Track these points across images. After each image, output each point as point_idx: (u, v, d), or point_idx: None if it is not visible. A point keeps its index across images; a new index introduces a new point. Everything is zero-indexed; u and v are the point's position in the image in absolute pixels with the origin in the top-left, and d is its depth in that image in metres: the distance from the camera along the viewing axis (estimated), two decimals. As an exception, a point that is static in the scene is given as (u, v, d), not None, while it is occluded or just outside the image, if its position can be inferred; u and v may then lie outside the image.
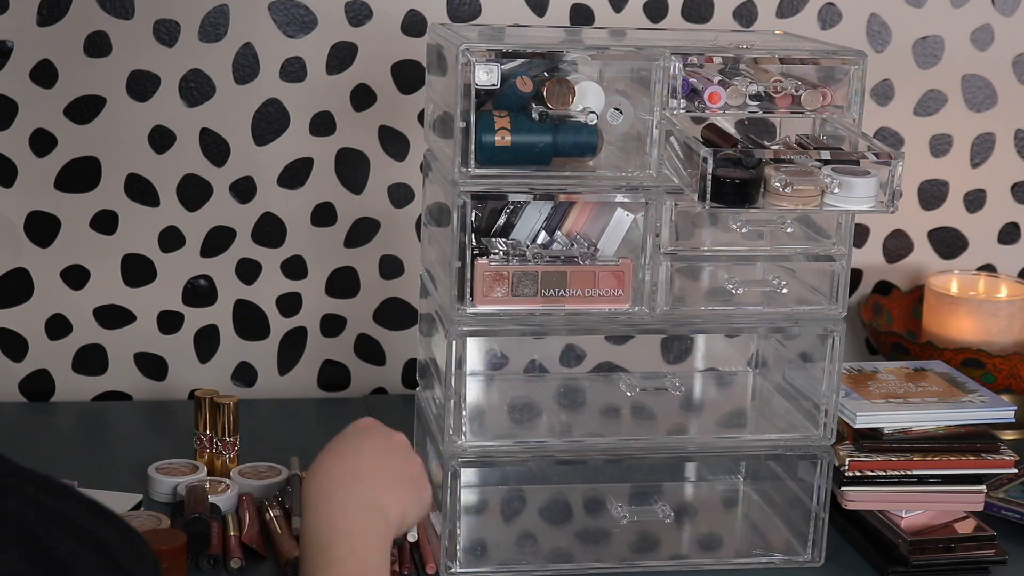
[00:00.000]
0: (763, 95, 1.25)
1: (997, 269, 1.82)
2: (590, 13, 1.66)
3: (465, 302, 1.23)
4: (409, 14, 1.63)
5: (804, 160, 1.16)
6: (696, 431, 1.41)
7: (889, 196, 1.16)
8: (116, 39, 1.58)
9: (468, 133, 1.20)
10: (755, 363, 1.52)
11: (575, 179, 1.24)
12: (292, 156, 1.65)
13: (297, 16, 1.61)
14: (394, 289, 1.70)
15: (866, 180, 1.15)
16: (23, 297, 1.63)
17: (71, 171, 1.61)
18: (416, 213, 1.67)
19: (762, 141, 1.25)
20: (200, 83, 1.61)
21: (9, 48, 1.57)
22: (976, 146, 1.79)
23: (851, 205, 1.16)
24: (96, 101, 1.59)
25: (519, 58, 1.24)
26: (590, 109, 1.22)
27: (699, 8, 1.68)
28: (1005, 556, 1.33)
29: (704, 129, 1.26)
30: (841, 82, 1.26)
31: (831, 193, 1.14)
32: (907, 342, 1.64)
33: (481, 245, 1.25)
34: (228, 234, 1.65)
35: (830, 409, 1.30)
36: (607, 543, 1.38)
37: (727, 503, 1.48)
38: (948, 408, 1.34)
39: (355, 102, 1.64)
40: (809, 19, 1.71)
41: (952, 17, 1.74)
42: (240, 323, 1.68)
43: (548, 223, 1.27)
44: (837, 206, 1.16)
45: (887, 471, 1.32)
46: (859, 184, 1.15)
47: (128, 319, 1.66)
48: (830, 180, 1.14)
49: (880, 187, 1.15)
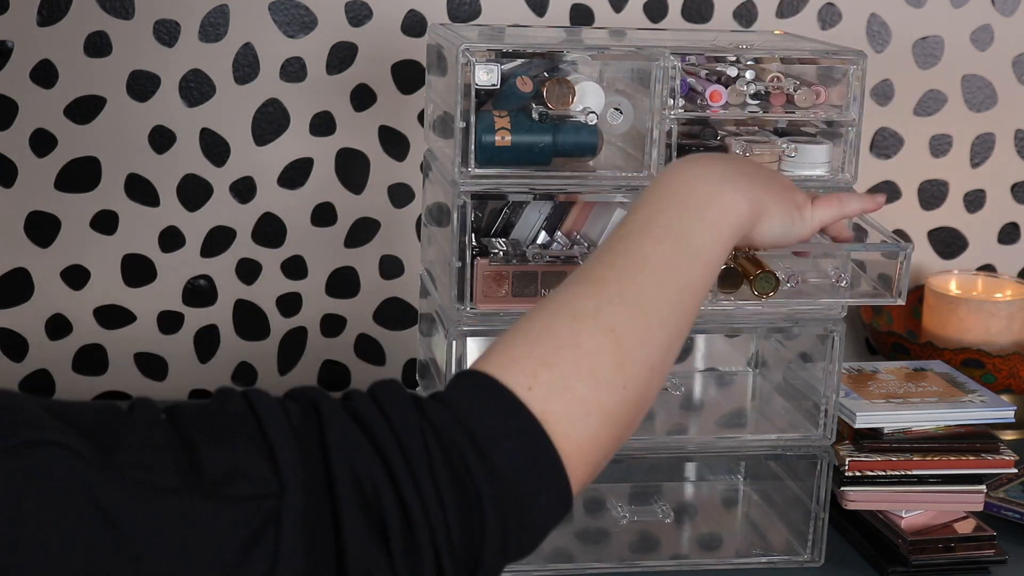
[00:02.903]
0: (763, 94, 1.25)
1: (997, 269, 1.82)
2: (590, 13, 1.66)
3: (465, 302, 1.23)
4: (409, 14, 1.63)
5: (764, 132, 1.28)
6: (696, 431, 1.41)
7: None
8: (116, 39, 1.58)
9: (468, 133, 1.20)
10: (755, 363, 1.52)
11: (575, 179, 1.24)
12: (292, 156, 1.65)
13: (297, 16, 1.61)
14: (394, 289, 1.70)
15: (820, 147, 1.26)
16: (23, 297, 1.63)
17: (71, 171, 1.61)
18: (416, 213, 1.67)
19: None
20: (200, 83, 1.61)
21: (9, 48, 1.57)
22: (976, 146, 1.79)
23: (806, 170, 1.26)
24: (96, 101, 1.60)
25: (519, 58, 1.24)
26: (590, 109, 1.22)
27: (699, 8, 1.68)
28: (1005, 556, 1.33)
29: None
30: (840, 82, 1.26)
31: (788, 158, 1.25)
32: (907, 342, 1.64)
33: (481, 245, 1.25)
34: (228, 234, 1.65)
35: (830, 409, 1.30)
36: (607, 543, 1.38)
37: (727, 503, 1.48)
38: (948, 408, 1.34)
39: (355, 102, 1.64)
40: (809, 19, 1.71)
41: (952, 17, 1.74)
42: (240, 323, 1.68)
43: (548, 223, 1.27)
44: (792, 171, 1.25)
45: (887, 471, 1.32)
46: (814, 151, 1.26)
47: (128, 319, 1.66)
48: (786, 146, 1.25)
49: (830, 153, 1.27)
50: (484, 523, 0.74)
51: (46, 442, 0.63)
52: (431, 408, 0.76)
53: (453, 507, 0.72)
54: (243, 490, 0.68)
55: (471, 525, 0.73)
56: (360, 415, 0.74)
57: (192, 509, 0.66)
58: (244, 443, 0.70)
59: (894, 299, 1.21)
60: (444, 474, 0.73)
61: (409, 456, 0.72)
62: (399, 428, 0.73)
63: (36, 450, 0.63)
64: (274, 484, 0.68)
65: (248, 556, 0.66)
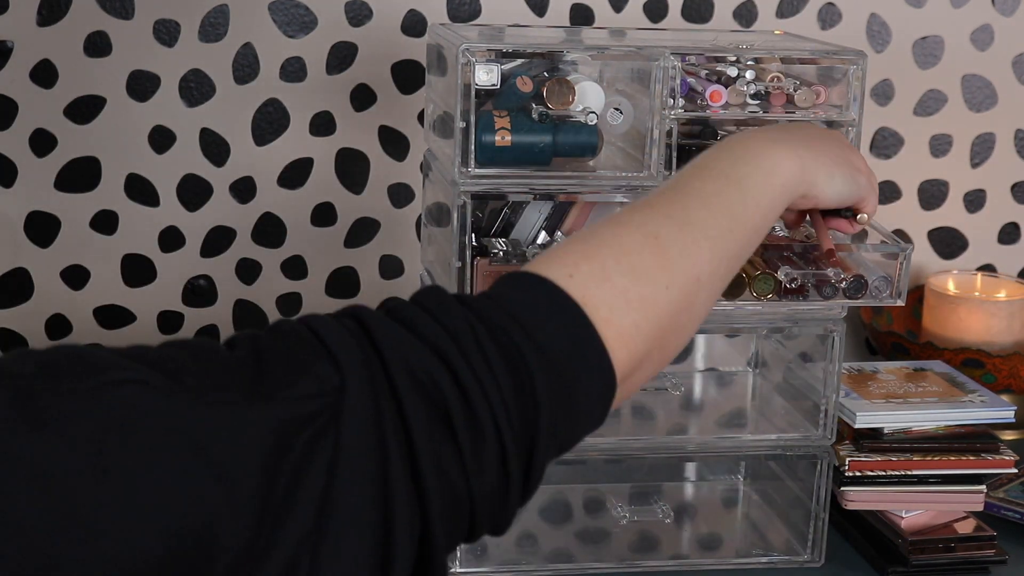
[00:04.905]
0: (763, 94, 1.25)
1: (997, 269, 1.82)
2: (590, 13, 1.66)
3: (465, 302, 1.23)
4: (409, 14, 1.63)
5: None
6: (696, 431, 1.41)
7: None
8: (116, 39, 1.58)
9: (468, 133, 1.20)
10: (755, 363, 1.52)
11: (575, 179, 1.24)
12: (292, 156, 1.65)
13: (297, 16, 1.61)
14: (394, 289, 1.70)
15: None
16: (23, 297, 1.63)
17: (71, 171, 1.61)
18: (416, 213, 1.67)
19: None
20: (200, 83, 1.61)
21: (9, 48, 1.57)
22: (976, 146, 1.79)
23: None
24: (96, 101, 1.59)
25: (519, 58, 1.24)
26: (590, 109, 1.22)
27: (699, 8, 1.68)
28: (1005, 556, 1.33)
29: None
30: (840, 82, 1.26)
31: None
32: (907, 342, 1.64)
33: (481, 245, 1.25)
34: (228, 234, 1.65)
35: (830, 409, 1.30)
36: (607, 543, 1.38)
37: (727, 503, 1.48)
38: (948, 408, 1.35)
39: (355, 102, 1.64)
40: (809, 19, 1.71)
41: (952, 17, 1.74)
42: (240, 323, 1.68)
43: (548, 223, 1.27)
44: None
45: (887, 471, 1.32)
46: None
47: (128, 319, 1.66)
48: None
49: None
50: (537, 400, 0.75)
51: (122, 380, 0.65)
52: (472, 300, 0.78)
53: (508, 385, 0.74)
54: (308, 389, 0.70)
55: (525, 402, 0.75)
56: (404, 316, 0.76)
57: (265, 415, 0.68)
58: (304, 350, 0.72)
59: (894, 299, 1.22)
60: (495, 354, 0.75)
61: (460, 342, 0.74)
62: (444, 320, 0.75)
63: (114, 388, 0.65)
64: (336, 380, 0.70)
65: (313, 449, 0.68)
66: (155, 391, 0.66)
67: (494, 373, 0.74)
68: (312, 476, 0.68)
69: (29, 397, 0.63)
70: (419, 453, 0.71)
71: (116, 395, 0.65)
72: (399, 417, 0.71)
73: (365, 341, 0.74)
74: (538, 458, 0.76)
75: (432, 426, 0.72)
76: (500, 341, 0.76)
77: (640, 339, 0.82)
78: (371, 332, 0.74)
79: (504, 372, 0.75)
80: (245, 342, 0.73)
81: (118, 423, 0.64)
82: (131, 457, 0.63)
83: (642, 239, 0.85)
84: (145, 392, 0.65)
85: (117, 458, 0.63)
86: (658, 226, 0.86)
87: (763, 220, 0.94)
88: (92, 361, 0.66)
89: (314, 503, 0.67)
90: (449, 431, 0.73)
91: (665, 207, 0.89)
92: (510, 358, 0.75)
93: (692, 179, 0.92)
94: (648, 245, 0.85)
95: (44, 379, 0.64)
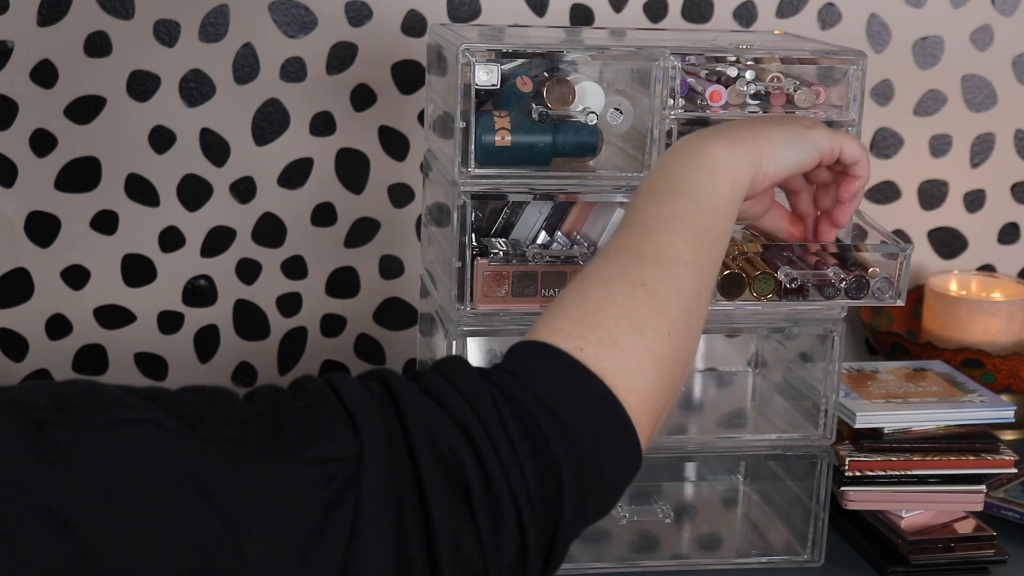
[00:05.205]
0: (763, 94, 1.25)
1: (997, 269, 1.83)
2: (590, 13, 1.66)
3: (465, 302, 1.23)
4: (409, 14, 1.63)
5: None
6: (696, 431, 1.41)
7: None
8: (116, 39, 1.58)
9: (468, 133, 1.20)
10: (755, 363, 1.52)
11: (575, 179, 1.24)
12: (292, 156, 1.65)
13: (297, 16, 1.61)
14: (394, 289, 1.70)
15: None
16: (23, 297, 1.63)
17: (71, 171, 1.61)
18: (416, 213, 1.67)
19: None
20: (200, 83, 1.61)
21: (9, 48, 1.57)
22: (976, 146, 1.79)
23: None
24: (96, 101, 1.60)
25: (519, 58, 1.24)
26: (590, 109, 1.22)
27: (699, 8, 1.68)
28: (1005, 556, 1.33)
29: None
30: (840, 82, 1.26)
31: None
32: (907, 342, 1.64)
33: (481, 245, 1.25)
34: (228, 234, 1.65)
35: (830, 409, 1.30)
36: (607, 543, 1.38)
37: (727, 503, 1.49)
38: (948, 408, 1.35)
39: (355, 102, 1.64)
40: (809, 19, 1.71)
41: (952, 17, 1.74)
42: (240, 323, 1.68)
43: (548, 223, 1.27)
44: None
45: (887, 471, 1.32)
46: None
47: (128, 319, 1.66)
48: None
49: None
50: (561, 481, 0.75)
51: (134, 419, 0.65)
52: (496, 375, 0.78)
53: (530, 467, 0.74)
54: (325, 452, 0.69)
55: (549, 484, 0.74)
56: (430, 387, 0.76)
57: (277, 473, 0.67)
58: (324, 412, 0.72)
59: (894, 299, 1.22)
60: (519, 435, 0.74)
61: (484, 420, 0.74)
62: (469, 395, 0.75)
63: (125, 427, 0.65)
64: (355, 447, 0.70)
65: (331, 516, 0.67)
66: (166, 433, 0.65)
67: (517, 454, 0.74)
68: (331, 543, 0.67)
69: (40, 430, 0.63)
70: (436, 527, 0.70)
71: (126, 433, 0.64)
72: (418, 488, 0.71)
73: (389, 407, 0.73)
74: (561, 538, 0.76)
75: (451, 501, 0.72)
76: (524, 421, 0.75)
77: (658, 399, 0.82)
78: (397, 398, 0.74)
79: (528, 455, 0.74)
80: (265, 397, 0.73)
81: (127, 460, 0.64)
82: (139, 494, 0.63)
83: (631, 289, 0.85)
84: (156, 433, 0.65)
85: (125, 495, 0.63)
86: (640, 272, 0.86)
87: (725, 219, 0.94)
88: (106, 397, 0.66)
89: (331, 572, 0.67)
90: (467, 508, 0.72)
91: (636, 247, 0.89)
92: (534, 441, 0.75)
93: (647, 207, 0.92)
94: (639, 295, 0.85)
95: (57, 412, 0.64)
